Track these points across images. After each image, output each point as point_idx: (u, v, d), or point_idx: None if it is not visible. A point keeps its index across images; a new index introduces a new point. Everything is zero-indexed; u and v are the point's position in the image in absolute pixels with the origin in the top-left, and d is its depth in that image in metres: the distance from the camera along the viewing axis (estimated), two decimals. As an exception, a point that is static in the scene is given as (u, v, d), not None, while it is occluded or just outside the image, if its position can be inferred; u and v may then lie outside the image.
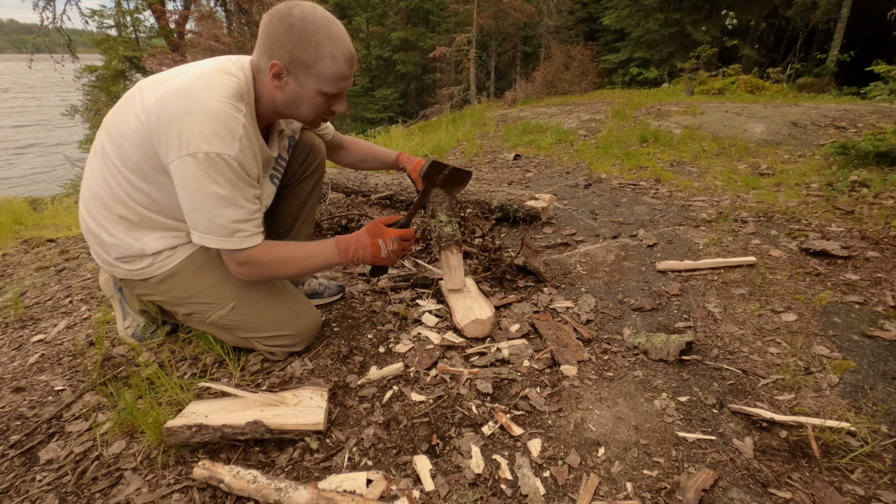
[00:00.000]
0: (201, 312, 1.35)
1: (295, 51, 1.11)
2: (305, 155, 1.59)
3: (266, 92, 1.21)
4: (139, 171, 1.18)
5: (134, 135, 1.14)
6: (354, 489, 0.98)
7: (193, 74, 1.15)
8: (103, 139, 1.22)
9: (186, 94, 1.10)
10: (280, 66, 1.13)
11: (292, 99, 1.20)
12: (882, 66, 4.03)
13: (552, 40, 15.98)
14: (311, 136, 1.60)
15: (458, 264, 1.59)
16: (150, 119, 1.11)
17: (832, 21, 12.32)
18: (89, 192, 1.26)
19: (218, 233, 1.16)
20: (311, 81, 1.16)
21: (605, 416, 1.20)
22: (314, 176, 1.64)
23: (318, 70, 1.14)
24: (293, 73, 1.15)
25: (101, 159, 1.23)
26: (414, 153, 5.12)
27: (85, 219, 1.29)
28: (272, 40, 1.12)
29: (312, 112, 1.23)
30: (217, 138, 1.08)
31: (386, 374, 1.35)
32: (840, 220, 2.45)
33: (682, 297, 1.78)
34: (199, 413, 1.10)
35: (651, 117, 6.25)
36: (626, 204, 2.93)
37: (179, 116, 1.08)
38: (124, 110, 1.18)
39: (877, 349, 1.43)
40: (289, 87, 1.17)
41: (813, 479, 1.01)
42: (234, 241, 1.18)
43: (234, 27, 11.90)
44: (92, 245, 1.32)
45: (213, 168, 1.09)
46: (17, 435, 1.18)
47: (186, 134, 1.07)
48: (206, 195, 1.11)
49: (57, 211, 3.96)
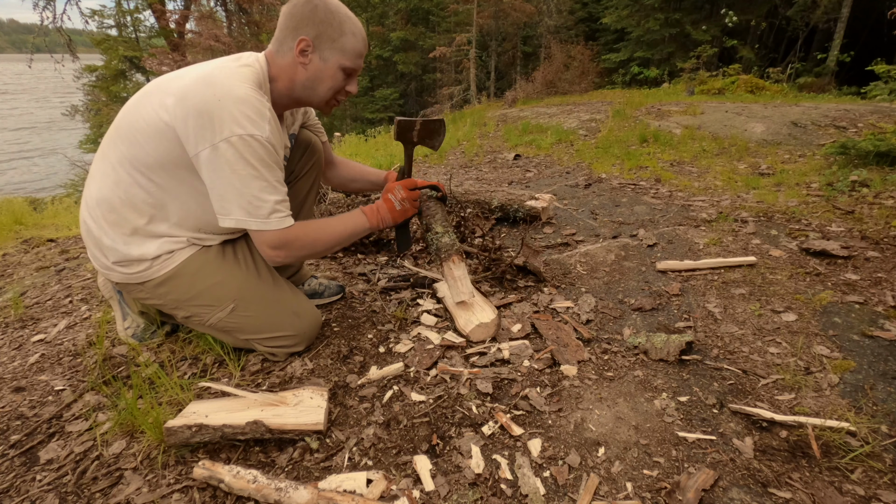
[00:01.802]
0: (200, 315, 1.34)
1: (321, 26, 1.19)
2: (303, 152, 1.60)
3: (283, 78, 1.24)
4: (154, 167, 1.18)
5: (153, 129, 1.15)
6: (354, 489, 0.98)
7: (213, 66, 1.18)
8: (114, 139, 1.22)
9: (211, 84, 1.12)
10: (308, 40, 1.19)
11: (314, 75, 1.24)
12: (882, 66, 4.03)
13: (552, 40, 15.98)
14: (307, 135, 1.60)
15: (462, 274, 1.54)
16: (174, 111, 1.12)
17: (832, 21, 12.32)
18: (93, 194, 1.26)
19: (256, 215, 1.17)
20: (334, 56, 1.22)
21: (605, 415, 1.20)
22: (312, 173, 1.64)
23: (342, 44, 1.22)
24: (318, 48, 1.21)
25: (109, 161, 1.23)
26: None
27: (86, 220, 1.28)
28: (297, 20, 1.19)
29: (331, 90, 1.27)
30: (249, 121, 1.11)
31: (386, 373, 1.35)
32: (840, 219, 2.45)
33: (682, 296, 1.78)
34: (199, 413, 1.10)
35: (651, 117, 6.25)
36: (626, 204, 2.93)
37: (207, 105, 1.10)
38: (138, 108, 1.19)
39: (877, 349, 1.43)
40: (313, 63, 1.22)
41: (813, 479, 1.01)
42: (272, 221, 1.19)
43: (234, 27, 11.89)
44: (90, 248, 1.31)
45: (248, 150, 1.11)
46: (18, 435, 1.18)
47: (218, 121, 1.09)
48: (243, 178, 1.13)
49: (57, 211, 3.96)
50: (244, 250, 1.39)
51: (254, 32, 11.29)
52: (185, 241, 1.29)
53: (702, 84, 10.08)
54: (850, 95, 8.79)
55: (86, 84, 13.73)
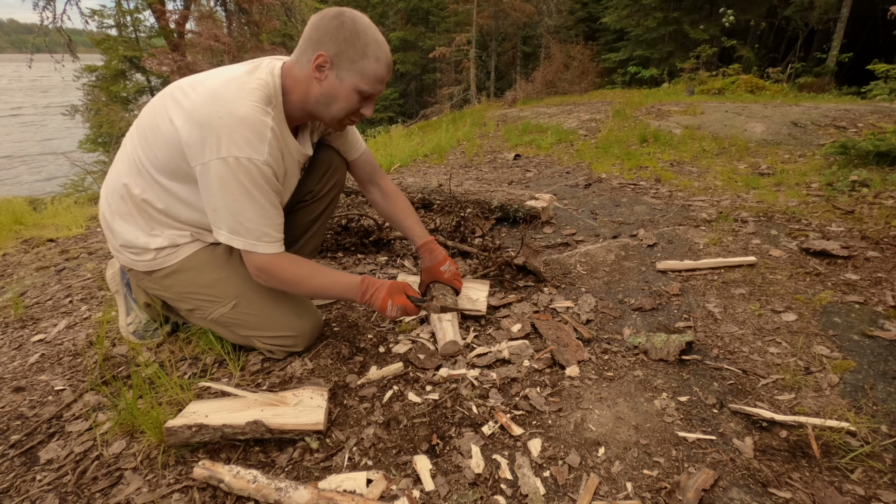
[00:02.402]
0: (203, 309, 1.36)
1: (343, 45, 1.16)
2: (323, 173, 1.56)
3: (298, 90, 1.22)
4: (163, 170, 1.22)
5: (164, 136, 1.18)
6: (354, 489, 0.98)
7: (224, 78, 1.19)
8: (134, 136, 1.28)
9: (216, 100, 1.14)
10: (326, 57, 1.17)
11: (328, 93, 1.21)
12: (881, 65, 4.03)
13: (552, 40, 15.97)
14: (330, 154, 1.55)
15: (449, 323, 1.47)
16: (182, 124, 1.15)
17: (832, 21, 12.32)
18: (111, 181, 1.32)
19: (244, 234, 1.19)
20: (351, 77, 1.19)
21: (605, 415, 1.20)
22: (330, 195, 1.62)
23: (360, 67, 1.18)
24: (336, 66, 1.18)
25: (129, 154, 1.28)
26: (414, 153, 5.12)
27: (102, 206, 1.35)
28: (321, 34, 1.17)
29: (344, 110, 1.24)
30: (246, 143, 1.12)
31: (386, 373, 1.35)
32: (840, 219, 2.45)
33: (682, 296, 1.78)
34: (199, 413, 1.10)
35: (651, 117, 6.25)
36: (626, 204, 2.93)
37: (210, 121, 1.11)
38: (158, 110, 1.22)
39: (877, 349, 1.43)
40: (328, 80, 1.20)
41: (813, 479, 1.01)
42: (259, 244, 1.21)
43: (234, 27, 11.87)
44: (104, 229, 1.38)
45: (242, 172, 1.13)
46: (18, 435, 1.18)
47: (216, 138, 1.11)
48: (234, 198, 1.15)
49: (57, 211, 3.95)
50: None
51: (254, 32, 11.26)
52: (188, 236, 1.33)
53: (702, 84, 10.07)
54: (849, 95, 8.78)
55: (86, 84, 13.71)
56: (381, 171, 1.67)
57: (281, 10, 12.17)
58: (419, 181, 2.94)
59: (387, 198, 1.65)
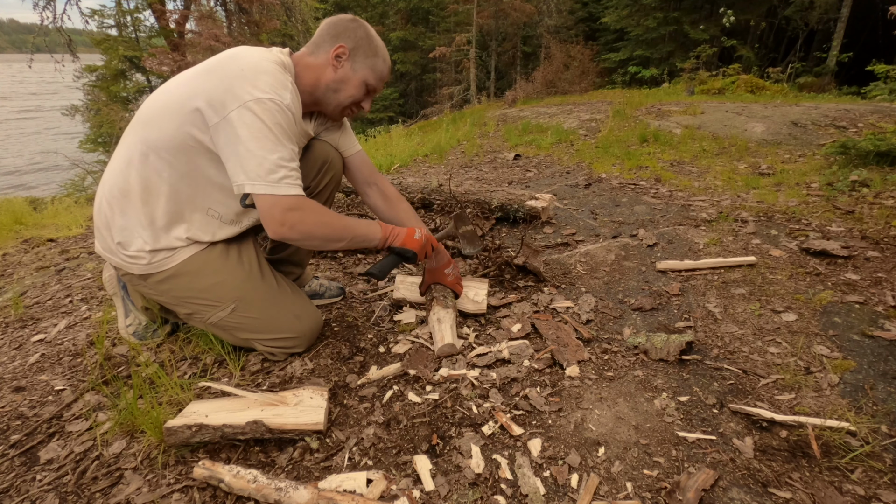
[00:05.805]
0: (201, 313, 1.35)
1: (360, 42, 1.32)
2: (319, 167, 1.54)
3: (309, 75, 1.31)
4: (169, 144, 1.18)
5: (175, 104, 1.17)
6: (354, 489, 0.98)
7: (238, 48, 1.24)
8: (134, 125, 1.26)
9: (236, 59, 1.18)
10: (345, 47, 1.30)
11: (341, 79, 1.32)
12: (881, 66, 4.03)
13: (552, 40, 15.96)
14: (326, 150, 1.54)
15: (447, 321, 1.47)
16: (197, 84, 1.16)
17: (832, 21, 12.32)
18: (107, 178, 1.28)
19: (265, 177, 1.14)
20: (364, 70, 1.34)
21: (606, 415, 1.20)
22: (327, 190, 1.60)
23: (373, 63, 1.35)
24: (353, 58, 1.32)
25: (126, 145, 1.25)
26: (414, 153, 5.12)
27: (101, 203, 1.29)
28: (339, 30, 1.31)
29: (350, 98, 1.35)
30: (270, 87, 1.15)
31: (386, 373, 1.35)
32: (840, 219, 2.45)
33: (683, 296, 1.78)
34: (199, 413, 1.10)
35: (651, 117, 6.25)
36: (627, 204, 2.93)
37: (230, 74, 1.14)
38: (156, 93, 1.24)
39: (877, 349, 1.43)
40: (343, 69, 1.32)
41: (813, 479, 1.01)
42: (281, 186, 1.17)
43: (234, 27, 11.87)
44: (100, 229, 1.31)
45: (265, 111, 1.13)
46: (18, 434, 1.18)
47: (239, 88, 1.12)
48: (257, 139, 1.13)
49: (57, 211, 3.96)
50: (248, 252, 1.40)
51: (254, 32, 11.26)
52: (185, 241, 1.29)
53: (702, 84, 10.07)
54: (849, 95, 8.79)
55: (86, 84, 13.70)
56: (378, 172, 1.67)
57: (281, 10, 12.18)
58: (419, 181, 2.94)
59: (389, 201, 1.63)
